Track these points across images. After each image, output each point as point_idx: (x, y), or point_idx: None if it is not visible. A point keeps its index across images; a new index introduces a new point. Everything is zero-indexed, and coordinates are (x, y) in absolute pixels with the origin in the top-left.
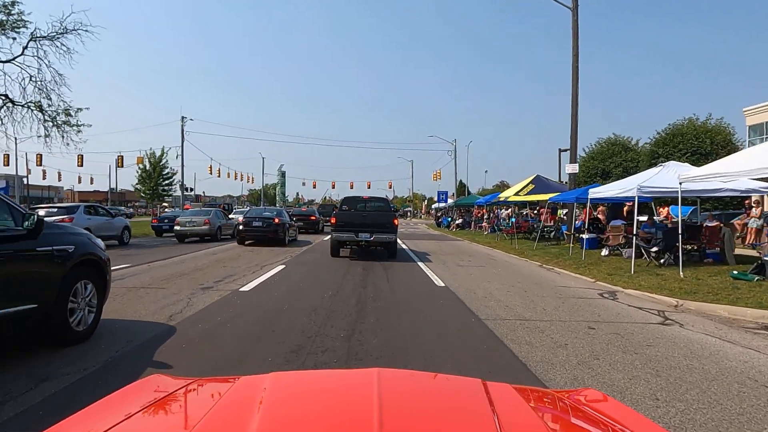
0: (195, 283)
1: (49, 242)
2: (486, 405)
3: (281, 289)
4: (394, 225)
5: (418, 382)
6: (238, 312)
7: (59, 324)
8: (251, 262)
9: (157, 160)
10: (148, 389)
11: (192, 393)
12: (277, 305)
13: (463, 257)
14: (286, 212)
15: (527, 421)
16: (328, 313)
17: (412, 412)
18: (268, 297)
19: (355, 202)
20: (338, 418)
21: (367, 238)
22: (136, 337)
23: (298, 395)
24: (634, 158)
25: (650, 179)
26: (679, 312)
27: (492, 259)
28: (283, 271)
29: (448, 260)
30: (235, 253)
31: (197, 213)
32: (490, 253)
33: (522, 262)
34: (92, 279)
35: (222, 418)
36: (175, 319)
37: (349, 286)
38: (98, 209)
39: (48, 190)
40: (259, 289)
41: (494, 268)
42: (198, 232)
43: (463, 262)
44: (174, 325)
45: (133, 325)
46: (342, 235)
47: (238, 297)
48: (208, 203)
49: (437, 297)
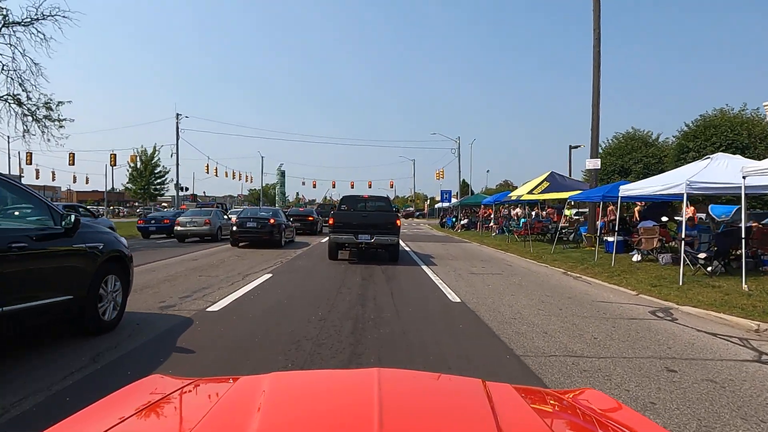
0: (155, 301)
1: (83, 240)
2: (486, 405)
3: (258, 309)
4: (396, 226)
5: (418, 382)
6: (195, 345)
7: (91, 315)
8: (234, 269)
9: (148, 158)
10: (148, 389)
11: (192, 393)
12: (247, 335)
13: (474, 262)
14: (283, 212)
15: (528, 421)
16: (313, 348)
17: (413, 413)
18: (238, 321)
19: (355, 201)
20: (338, 418)
21: (368, 239)
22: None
23: (298, 395)
24: (655, 154)
25: (699, 173)
26: (766, 339)
27: (508, 265)
28: (268, 282)
29: (458, 266)
30: (220, 259)
31: (198, 213)
32: (504, 258)
33: (543, 269)
34: (118, 274)
35: (222, 418)
36: (85, 369)
37: (344, 303)
38: (79, 209)
39: (44, 190)
40: (230, 309)
41: (513, 277)
42: (198, 232)
43: (476, 269)
44: (75, 380)
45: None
46: (340, 236)
47: (200, 323)
48: (203, 203)
49: (454, 319)
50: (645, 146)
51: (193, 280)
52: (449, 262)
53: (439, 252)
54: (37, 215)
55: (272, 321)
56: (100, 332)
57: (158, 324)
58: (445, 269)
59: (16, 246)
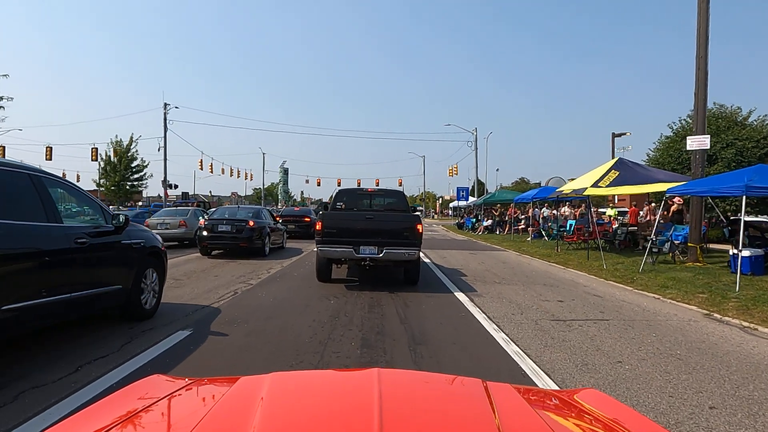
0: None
1: (129, 237)
2: (486, 405)
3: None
4: (416, 234)
5: (418, 382)
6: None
7: (135, 302)
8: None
9: (123, 150)
10: (148, 389)
11: (192, 393)
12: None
13: (537, 288)
14: (269, 212)
15: (528, 421)
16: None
17: (413, 413)
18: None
19: (356, 197)
20: (338, 418)
21: (374, 254)
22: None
23: (298, 395)
24: (751, 136)
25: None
26: None
27: (593, 295)
28: (180, 349)
29: (518, 297)
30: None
31: (171, 213)
32: (574, 279)
33: (657, 304)
34: (156, 267)
35: (222, 418)
36: None
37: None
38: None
39: None
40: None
41: (632, 329)
42: (172, 236)
43: (550, 304)
44: None
45: None
46: (334, 249)
47: None
48: (177, 201)
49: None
50: (735, 126)
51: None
52: (499, 289)
53: (473, 266)
54: (92, 215)
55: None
56: (142, 319)
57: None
58: (499, 305)
59: (80, 242)
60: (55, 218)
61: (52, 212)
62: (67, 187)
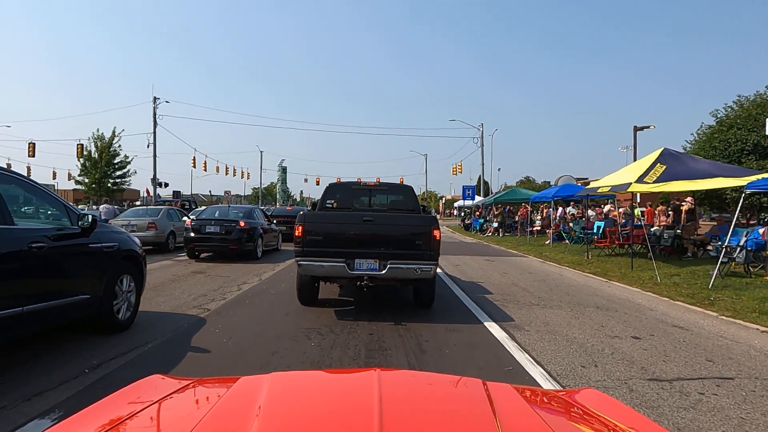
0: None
1: (99, 239)
2: (486, 405)
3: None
4: (431, 241)
5: (418, 382)
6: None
7: (107, 313)
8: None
9: (105, 145)
10: (147, 389)
11: (192, 393)
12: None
13: (582, 309)
14: (262, 211)
15: (528, 421)
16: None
17: (413, 413)
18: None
19: (351, 193)
20: (339, 418)
21: (374, 270)
22: None
23: (298, 395)
24: None
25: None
26: None
27: (665, 321)
28: None
29: (563, 325)
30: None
31: (139, 214)
32: (625, 296)
33: (762, 337)
34: (132, 273)
35: (222, 418)
36: None
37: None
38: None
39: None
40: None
41: (750, 381)
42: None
43: (620, 338)
44: None
45: None
46: (318, 264)
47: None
48: (158, 200)
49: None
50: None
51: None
52: (541, 315)
53: (495, 278)
54: (54, 215)
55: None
56: (116, 331)
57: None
58: (554, 345)
59: (35, 246)
60: (4, 219)
61: (0, 212)
62: (23, 183)
